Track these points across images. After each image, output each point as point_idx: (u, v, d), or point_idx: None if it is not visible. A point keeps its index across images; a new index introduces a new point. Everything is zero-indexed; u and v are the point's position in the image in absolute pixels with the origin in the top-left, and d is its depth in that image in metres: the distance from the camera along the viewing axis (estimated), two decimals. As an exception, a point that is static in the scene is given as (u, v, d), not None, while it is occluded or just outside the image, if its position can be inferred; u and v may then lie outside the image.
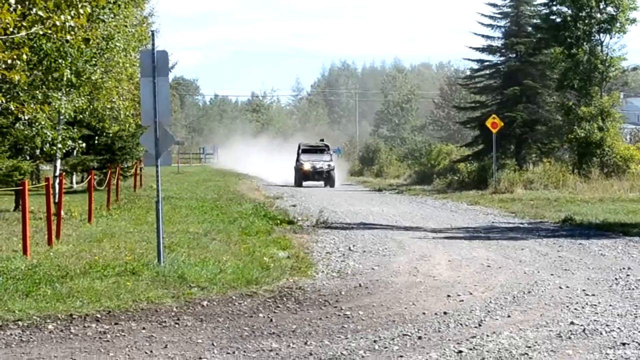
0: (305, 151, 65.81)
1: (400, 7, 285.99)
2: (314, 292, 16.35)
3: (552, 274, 18.03)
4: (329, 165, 64.34)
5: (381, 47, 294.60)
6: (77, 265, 18.15)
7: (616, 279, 17.30)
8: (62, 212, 25.52)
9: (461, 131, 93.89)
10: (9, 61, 17.52)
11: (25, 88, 25.33)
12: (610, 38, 55.50)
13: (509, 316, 13.75)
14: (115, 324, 13.47)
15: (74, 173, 47.79)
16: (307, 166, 63.14)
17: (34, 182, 32.96)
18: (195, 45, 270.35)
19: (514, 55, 64.65)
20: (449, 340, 12.17)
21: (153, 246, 19.75)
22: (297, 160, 64.64)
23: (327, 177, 63.91)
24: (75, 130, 34.40)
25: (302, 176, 63.12)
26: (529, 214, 34.52)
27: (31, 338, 12.57)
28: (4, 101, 19.32)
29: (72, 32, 18.67)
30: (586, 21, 54.53)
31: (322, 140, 76.00)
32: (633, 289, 16.08)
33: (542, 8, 62.29)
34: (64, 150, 33.17)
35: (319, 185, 62.89)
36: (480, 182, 54.11)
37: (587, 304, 14.54)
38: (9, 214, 31.55)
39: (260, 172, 74.78)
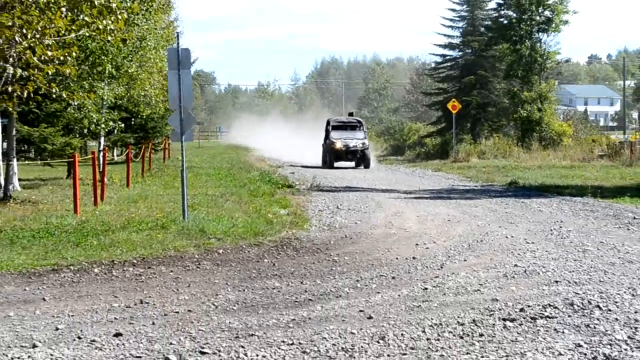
0: (336, 128, 47.82)
1: (378, 11, 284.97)
2: (309, 241, 16.34)
3: (500, 226, 18.04)
4: (363, 144, 46.53)
5: (363, 44, 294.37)
6: (118, 221, 18.16)
7: (551, 230, 17.31)
8: (105, 179, 25.51)
9: (427, 112, 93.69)
10: (62, 58, 17.47)
11: (75, 79, 25.29)
12: (547, 36, 55.69)
13: (465, 260, 13.76)
14: (148, 267, 13.48)
15: (115, 148, 47.91)
16: (339, 144, 45.77)
17: (82, 156, 32.87)
18: (212, 44, 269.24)
19: (470, 50, 64.68)
20: (417, 279, 12.18)
21: (179, 206, 19.74)
22: (327, 138, 47.21)
23: (361, 157, 46.35)
24: (116, 113, 34.38)
25: (333, 156, 46.08)
26: (481, 178, 34.53)
27: (81, 279, 12.58)
28: (57, 90, 19.21)
29: (112, 34, 18.59)
30: (528, 22, 54.68)
31: (351, 114, 57.71)
32: (565, 237, 16.09)
33: (493, 12, 62.74)
34: (106, 130, 33.09)
35: (350, 166, 46.58)
36: (443, 153, 54.37)
37: (527, 250, 14.55)
38: (62, 181, 31.55)
39: (271, 148, 62.32)
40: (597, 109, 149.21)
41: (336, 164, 46.08)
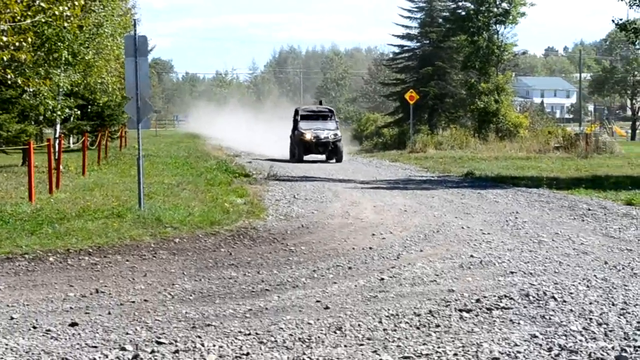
0: (305, 117, 43.64)
1: (337, 1, 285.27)
2: (265, 231, 16.33)
3: (456, 217, 18.13)
4: (335, 135, 42.03)
5: (321, 34, 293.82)
6: (73, 209, 18.02)
7: (507, 221, 17.43)
8: (61, 167, 25.30)
9: (385, 103, 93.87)
10: (17, 43, 17.31)
11: (30, 66, 25.02)
12: (505, 28, 56.09)
13: (421, 251, 13.82)
14: (104, 257, 13.40)
15: (71, 135, 47.43)
16: (309, 136, 41.37)
17: (37, 143, 32.61)
18: (169, 32, 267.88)
19: (428, 41, 64.83)
20: (374, 270, 12.22)
21: (135, 194, 19.61)
22: (295, 128, 42.95)
23: (333, 150, 41.91)
24: (72, 100, 34.03)
25: (303, 148, 41.72)
26: (438, 169, 34.70)
27: (35, 268, 12.48)
28: (13, 76, 19.07)
29: (69, 20, 18.52)
30: (485, 14, 54.91)
31: (320, 102, 56.09)
32: (520, 228, 16.21)
33: (451, 3, 62.90)
34: (62, 117, 32.80)
35: (321, 159, 42.66)
36: (400, 144, 54.50)
37: (483, 241, 14.64)
38: (17, 168, 31.26)
39: (229, 138, 60.74)
40: (553, 101, 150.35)
41: (305, 157, 41.72)
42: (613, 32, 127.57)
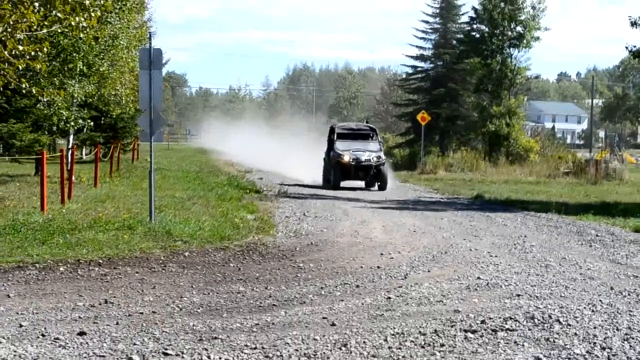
0: (342, 136, 36.53)
1: (351, 21, 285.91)
2: (275, 247, 16.39)
3: (464, 239, 18.16)
4: (378, 158, 34.95)
5: (335, 52, 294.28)
6: (84, 220, 18.11)
7: (515, 244, 17.45)
8: (73, 178, 25.43)
9: (397, 123, 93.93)
10: (33, 53, 17.43)
11: (45, 75, 25.15)
12: (518, 52, 56.24)
13: (429, 271, 13.86)
14: (114, 268, 13.48)
15: (84, 146, 47.58)
16: (347, 158, 34.43)
17: (50, 153, 32.78)
18: (184, 46, 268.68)
19: (441, 63, 65.07)
20: (381, 288, 12.27)
21: (146, 207, 19.72)
22: (331, 149, 36.01)
23: (375, 175, 35.02)
24: (86, 111, 34.15)
25: (340, 173, 34.71)
26: (448, 190, 34.74)
27: (46, 277, 12.57)
28: (27, 85, 19.17)
29: (85, 32, 18.60)
30: (499, 37, 55.09)
31: (366, 121, 49.70)
32: (527, 252, 16.24)
33: (465, 25, 63.18)
34: (76, 128, 32.92)
35: (360, 186, 36.17)
36: (411, 164, 54.55)
37: (491, 263, 14.67)
38: (30, 178, 31.41)
39: (242, 154, 57.20)
40: (564, 127, 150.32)
41: (343, 183, 35.21)
42: (626, 59, 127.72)
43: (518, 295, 11.60)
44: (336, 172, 34.82)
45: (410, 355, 8.47)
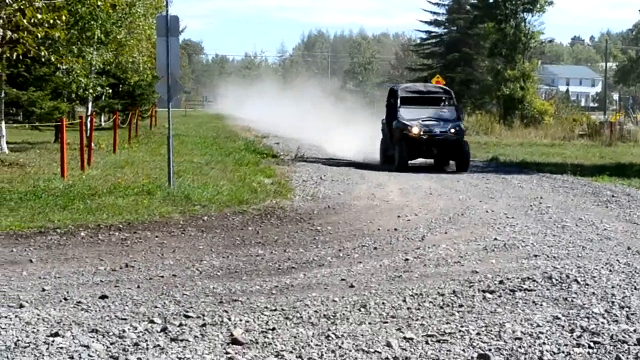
0: (407, 101, 27.94)
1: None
2: (292, 211, 16.36)
3: (480, 201, 18.08)
4: (457, 130, 26.90)
5: (349, 18, 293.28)
6: (104, 186, 18.13)
7: (531, 205, 17.37)
8: (92, 144, 25.43)
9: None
10: (51, 21, 17.40)
11: (64, 44, 25.12)
12: (532, 16, 55.91)
13: (446, 233, 13.80)
14: (134, 232, 13.48)
15: (102, 113, 47.59)
16: (416, 130, 26.42)
17: (70, 120, 32.74)
18: (200, 14, 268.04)
19: (455, 28, 64.82)
20: (398, 250, 12.22)
21: (164, 172, 19.71)
22: (393, 117, 27.69)
23: (453, 150, 26.68)
24: (104, 78, 34.22)
25: (407, 149, 26.47)
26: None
27: (67, 242, 12.58)
28: (47, 54, 19.17)
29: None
30: (513, 2, 54.72)
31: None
32: (544, 213, 16.16)
33: (479, -10, 62.49)
34: (94, 95, 33.02)
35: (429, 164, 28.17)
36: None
37: (507, 224, 14.60)
38: (50, 145, 31.47)
39: (261, 120, 54.48)
40: (578, 90, 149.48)
41: (411, 162, 26.92)
42: (639, 22, 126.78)
43: (535, 256, 11.52)
44: (402, 148, 26.14)
45: (429, 316, 8.42)
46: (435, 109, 27.99)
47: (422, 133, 26.09)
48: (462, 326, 7.96)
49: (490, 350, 7.20)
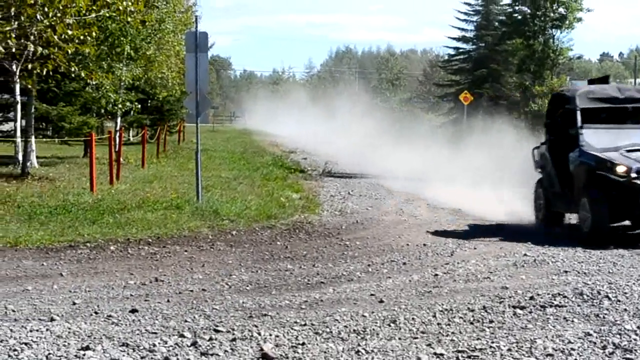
0: (594, 115, 15.89)
1: (393, 3, 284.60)
2: (320, 226, 16.36)
3: (508, 216, 17.94)
4: None
5: (377, 35, 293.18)
6: (133, 200, 18.20)
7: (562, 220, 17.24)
8: (121, 159, 25.56)
9: (439, 103, 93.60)
10: (81, 37, 17.51)
11: (94, 59, 25.26)
12: (561, 33, 55.82)
13: (475, 248, 13.74)
14: (163, 247, 13.51)
15: (131, 128, 47.85)
16: (622, 168, 14.24)
17: (99, 135, 32.93)
18: (229, 30, 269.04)
19: (483, 44, 64.76)
20: (428, 265, 12.18)
21: (193, 187, 19.74)
22: (564, 142, 16.15)
23: None
24: (133, 94, 34.38)
25: (609, 203, 14.24)
26: (492, 168, 34.36)
27: (97, 256, 12.63)
28: (77, 69, 19.31)
29: (132, 16, 18.70)
30: (542, 19, 54.70)
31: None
32: (575, 229, 16.05)
33: (507, 7, 62.75)
34: (123, 110, 33.15)
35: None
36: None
37: (537, 240, 14.52)
38: (79, 159, 31.62)
39: (289, 136, 53.87)
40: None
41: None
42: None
43: (566, 272, 11.45)
44: (597, 203, 14.60)
45: (460, 331, 8.37)
46: None
47: (634, 175, 14.34)
48: (492, 342, 7.91)
49: (521, 366, 7.15)
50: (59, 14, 16.46)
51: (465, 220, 17.40)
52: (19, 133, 24.53)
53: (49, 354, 7.30)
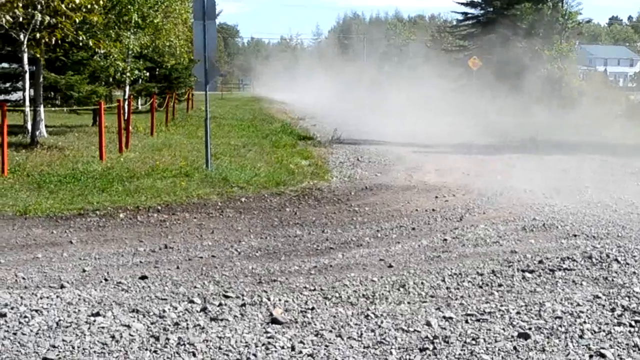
0: None
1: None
2: (330, 192, 16.34)
3: (518, 181, 17.93)
4: None
5: (385, 1, 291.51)
6: (142, 168, 18.21)
7: (569, 185, 17.23)
8: (130, 127, 25.54)
9: (447, 69, 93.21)
10: (89, 6, 17.48)
11: (102, 28, 25.25)
12: (569, -4, 55.26)
13: (484, 213, 13.74)
14: (173, 214, 13.52)
15: (139, 97, 47.79)
16: None
17: (107, 104, 32.87)
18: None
19: (491, 8, 64.17)
20: (437, 230, 12.19)
21: (202, 155, 19.75)
22: None
23: None
24: (141, 62, 34.30)
25: None
26: (501, 134, 34.35)
27: (106, 224, 12.64)
28: (84, 38, 19.30)
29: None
30: (550, -18, 54.20)
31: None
32: (583, 193, 16.04)
33: (516, -30, 62.00)
34: (131, 78, 33.11)
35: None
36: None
37: (546, 204, 14.51)
38: (88, 128, 31.61)
39: (297, 102, 54.90)
40: (616, 70, 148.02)
41: None
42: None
43: (575, 236, 11.45)
44: None
45: (469, 295, 8.39)
46: None
47: None
48: (501, 305, 7.93)
49: (530, 329, 7.16)
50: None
51: (474, 185, 17.36)
52: (27, 102, 24.49)
53: (60, 320, 7.34)
